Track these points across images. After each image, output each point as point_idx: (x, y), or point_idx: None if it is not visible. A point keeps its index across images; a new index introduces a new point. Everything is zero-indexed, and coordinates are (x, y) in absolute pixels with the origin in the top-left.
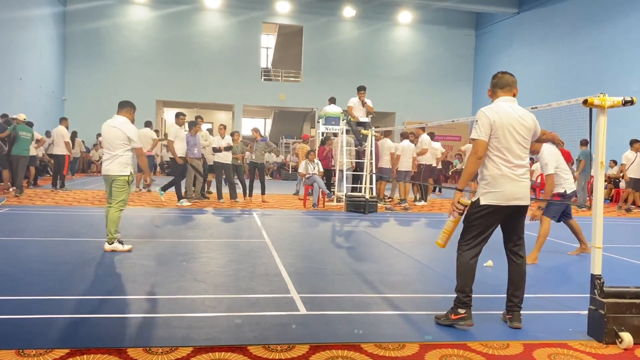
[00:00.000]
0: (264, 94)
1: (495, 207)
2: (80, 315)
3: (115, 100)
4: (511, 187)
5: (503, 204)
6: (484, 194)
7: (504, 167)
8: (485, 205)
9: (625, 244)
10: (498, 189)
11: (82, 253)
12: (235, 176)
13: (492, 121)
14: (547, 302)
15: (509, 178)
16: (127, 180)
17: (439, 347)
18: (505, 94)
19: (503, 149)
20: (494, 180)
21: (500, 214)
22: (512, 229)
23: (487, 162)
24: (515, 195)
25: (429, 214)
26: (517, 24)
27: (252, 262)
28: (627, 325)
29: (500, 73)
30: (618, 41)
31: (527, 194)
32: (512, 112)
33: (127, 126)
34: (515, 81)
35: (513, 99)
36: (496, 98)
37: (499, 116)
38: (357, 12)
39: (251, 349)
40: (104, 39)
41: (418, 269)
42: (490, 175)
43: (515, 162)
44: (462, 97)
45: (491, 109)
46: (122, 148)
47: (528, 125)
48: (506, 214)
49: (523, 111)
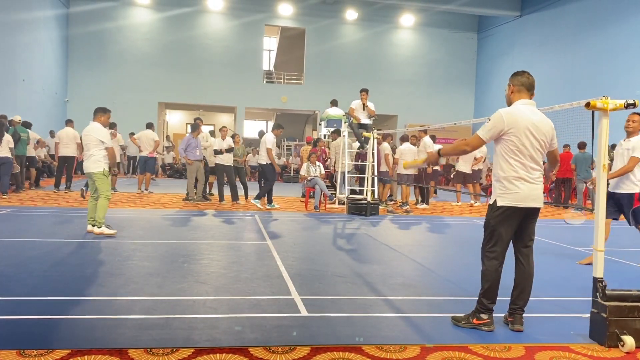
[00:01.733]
0: (265, 96)
1: (512, 208)
2: (81, 316)
3: (118, 102)
4: (527, 188)
5: (520, 205)
6: (500, 195)
7: (520, 169)
8: (502, 207)
9: (628, 247)
10: (514, 190)
11: (83, 254)
12: (236, 178)
13: (507, 126)
14: (549, 305)
15: (524, 180)
16: (102, 174)
17: (440, 350)
18: (528, 97)
19: (519, 152)
20: (510, 182)
21: (518, 215)
22: (525, 232)
23: (502, 164)
24: (530, 196)
25: (431, 217)
26: (519, 27)
27: (254, 264)
28: (629, 328)
29: (526, 74)
30: (620, 44)
31: (541, 197)
32: (532, 117)
33: (97, 131)
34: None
35: (533, 102)
36: (518, 98)
37: (517, 120)
38: (359, 15)
39: (252, 350)
40: (106, 41)
41: (419, 272)
42: (506, 178)
43: (531, 165)
44: (464, 100)
45: (511, 112)
46: (94, 148)
47: (545, 131)
48: (522, 215)
49: (542, 116)
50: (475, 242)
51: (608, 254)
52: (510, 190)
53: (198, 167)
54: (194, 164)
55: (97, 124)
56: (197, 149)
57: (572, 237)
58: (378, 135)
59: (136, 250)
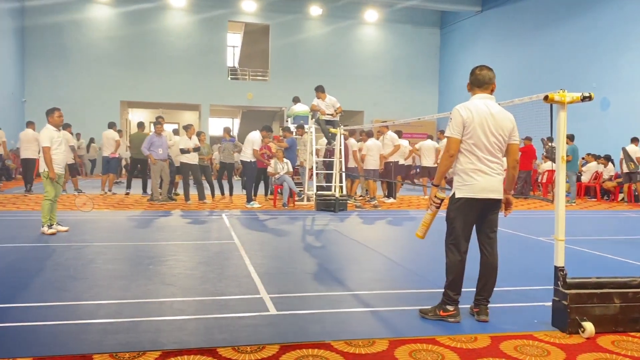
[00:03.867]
0: (231, 93)
1: (470, 200)
2: (44, 323)
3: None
4: (484, 180)
5: (477, 197)
6: (458, 187)
7: (477, 162)
8: (461, 199)
9: (589, 236)
10: (471, 182)
11: (45, 259)
12: (202, 177)
13: (465, 119)
14: (513, 294)
15: (481, 172)
16: (45, 176)
17: (408, 343)
18: (483, 91)
19: (474, 146)
20: (467, 174)
21: (476, 207)
22: (486, 223)
23: (460, 157)
24: (488, 187)
25: (398, 211)
26: (481, 22)
27: (221, 264)
28: (588, 315)
29: (479, 69)
30: (578, 38)
31: (500, 188)
32: (487, 110)
33: (41, 132)
34: (494, 76)
35: (490, 96)
36: (475, 93)
37: (473, 114)
38: (324, 11)
39: (220, 351)
40: (64, 38)
41: (387, 266)
42: (463, 170)
43: (488, 158)
44: (429, 95)
45: (466, 107)
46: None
47: (504, 124)
48: (481, 207)
49: (499, 109)
50: (442, 235)
51: (568, 243)
52: (467, 182)
53: (162, 167)
54: (158, 164)
55: (47, 125)
56: (161, 148)
57: (535, 228)
58: (345, 131)
59: (100, 253)
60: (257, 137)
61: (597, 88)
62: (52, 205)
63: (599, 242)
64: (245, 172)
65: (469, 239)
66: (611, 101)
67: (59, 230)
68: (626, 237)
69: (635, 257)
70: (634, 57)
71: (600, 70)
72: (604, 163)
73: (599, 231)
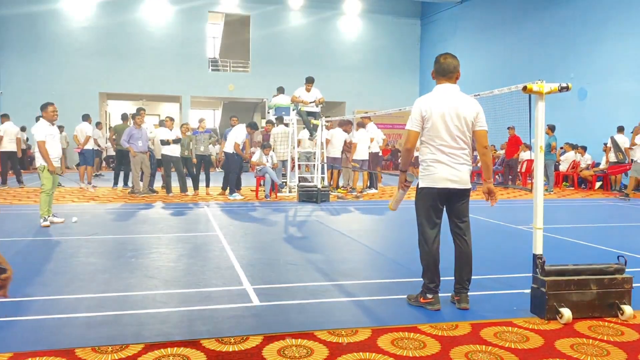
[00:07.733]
0: (212, 84)
1: (431, 190)
2: (24, 317)
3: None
4: (444, 169)
5: (438, 186)
6: (421, 177)
7: (438, 152)
8: (423, 188)
9: (566, 224)
10: (431, 172)
11: (25, 253)
12: (184, 169)
13: (424, 112)
14: (493, 282)
15: (441, 162)
16: (41, 169)
17: (390, 331)
18: (447, 80)
19: (435, 136)
20: (428, 164)
21: (438, 197)
22: (454, 213)
23: (422, 148)
24: (448, 177)
25: (380, 201)
26: (461, 13)
27: (204, 256)
28: (566, 301)
29: (442, 57)
30: (557, 29)
31: (463, 178)
32: (448, 101)
33: (35, 127)
34: (458, 65)
35: (454, 85)
36: (439, 82)
37: (432, 106)
38: (304, 1)
39: (204, 342)
40: (40, 28)
41: (369, 256)
42: (425, 160)
43: (450, 149)
44: (410, 85)
45: (425, 99)
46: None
47: (464, 113)
48: (444, 197)
49: (462, 99)
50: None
51: (547, 231)
52: (428, 173)
53: (143, 159)
54: (138, 156)
55: (41, 120)
56: (141, 140)
57: (515, 216)
58: (327, 122)
59: (81, 246)
60: (241, 131)
61: (575, 78)
62: (49, 198)
63: (577, 230)
64: (227, 164)
65: (436, 228)
66: (588, 91)
67: (54, 222)
68: (602, 224)
69: (611, 244)
70: (611, 48)
71: (578, 61)
72: (581, 152)
73: (577, 219)
